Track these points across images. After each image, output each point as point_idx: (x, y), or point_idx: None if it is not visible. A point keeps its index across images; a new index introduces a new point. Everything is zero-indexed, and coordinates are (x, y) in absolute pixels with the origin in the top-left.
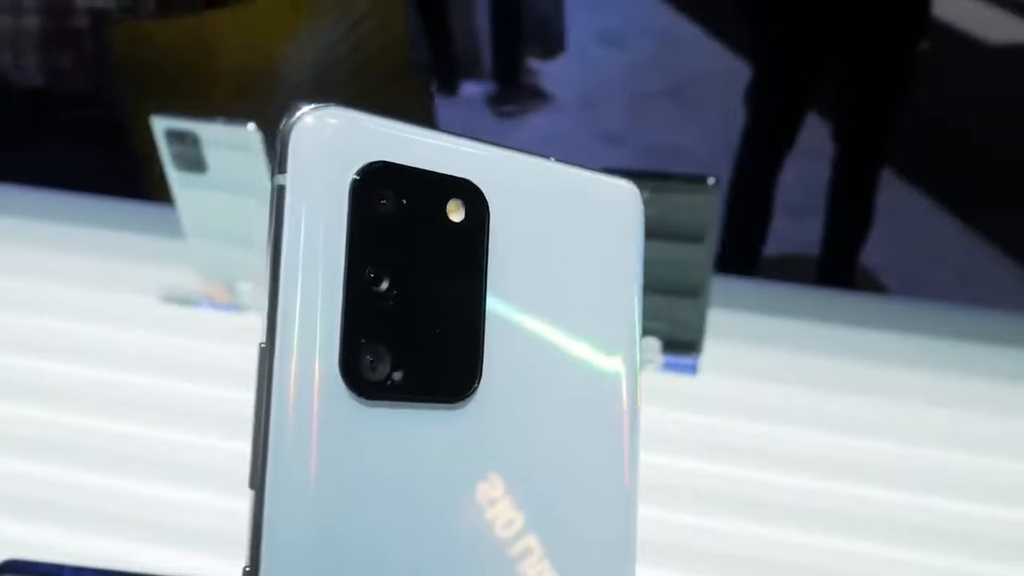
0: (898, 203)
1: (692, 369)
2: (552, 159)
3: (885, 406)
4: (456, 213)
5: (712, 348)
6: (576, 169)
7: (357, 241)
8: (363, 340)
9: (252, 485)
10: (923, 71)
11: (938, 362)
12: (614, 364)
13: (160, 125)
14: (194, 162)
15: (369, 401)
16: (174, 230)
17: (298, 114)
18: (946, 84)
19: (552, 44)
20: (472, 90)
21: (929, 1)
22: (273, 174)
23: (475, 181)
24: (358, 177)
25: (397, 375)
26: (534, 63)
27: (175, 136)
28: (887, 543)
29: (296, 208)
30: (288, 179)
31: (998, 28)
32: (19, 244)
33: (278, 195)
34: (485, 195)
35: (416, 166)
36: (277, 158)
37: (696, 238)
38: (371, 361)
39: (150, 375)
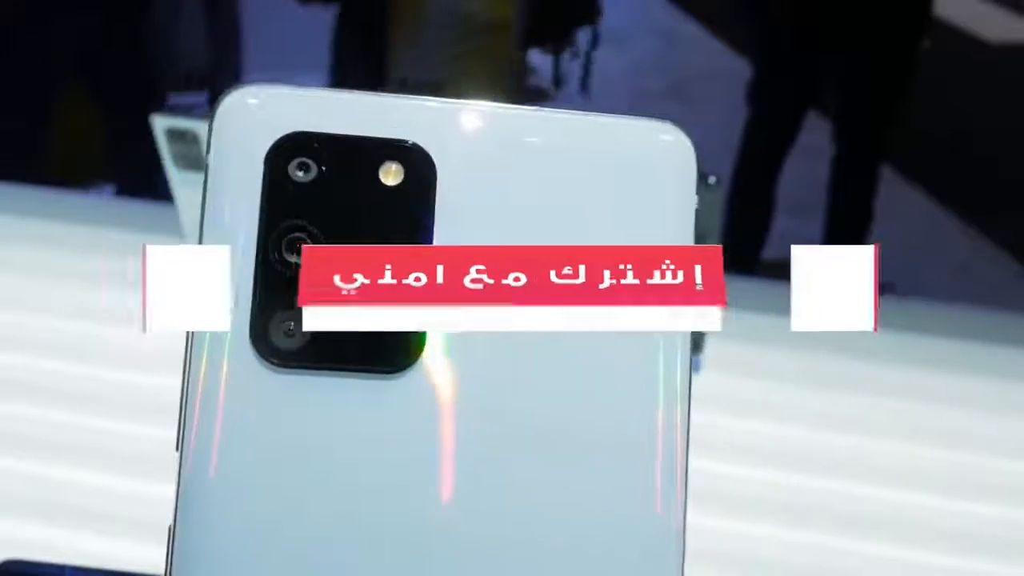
0: (898, 202)
1: (695, 367)
2: (545, 109)
3: (885, 405)
4: (392, 176)
5: (712, 347)
6: (585, 116)
7: (272, 212)
8: (275, 308)
9: (177, 448)
10: (924, 69)
11: (938, 361)
12: (635, 352)
13: (160, 124)
14: (194, 161)
15: (285, 368)
16: (174, 230)
17: (221, 98)
18: (947, 82)
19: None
20: None
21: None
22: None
23: (420, 142)
24: (272, 148)
25: (318, 343)
26: (537, 60)
27: (175, 135)
28: (886, 542)
29: (214, 185)
30: (210, 158)
31: (999, 27)
32: (18, 242)
33: (204, 174)
34: (432, 156)
35: (347, 132)
36: (206, 141)
37: (698, 237)
38: (289, 328)
39: (151, 374)
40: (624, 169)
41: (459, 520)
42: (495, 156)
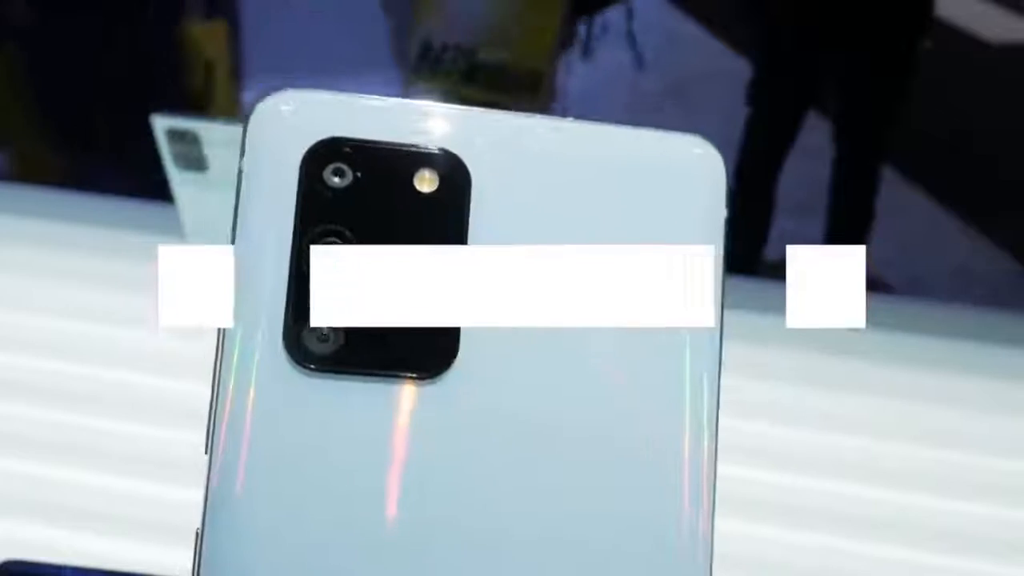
0: (899, 202)
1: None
2: (571, 119)
3: (885, 405)
4: (427, 184)
5: None
6: (617, 128)
7: (307, 217)
8: (309, 313)
9: (206, 451)
10: (924, 69)
11: (938, 361)
12: (670, 359)
13: (161, 124)
14: (195, 161)
15: (318, 373)
16: (174, 230)
17: (255, 104)
18: (947, 82)
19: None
20: None
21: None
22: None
23: (455, 150)
24: (307, 154)
25: (351, 347)
26: None
27: (176, 135)
28: (886, 542)
29: (248, 190)
30: (244, 164)
31: (999, 27)
32: (18, 242)
33: (238, 180)
34: (467, 164)
35: (383, 139)
36: (240, 147)
37: None
38: (323, 333)
39: (151, 374)
40: (656, 180)
41: (493, 523)
42: (528, 165)
